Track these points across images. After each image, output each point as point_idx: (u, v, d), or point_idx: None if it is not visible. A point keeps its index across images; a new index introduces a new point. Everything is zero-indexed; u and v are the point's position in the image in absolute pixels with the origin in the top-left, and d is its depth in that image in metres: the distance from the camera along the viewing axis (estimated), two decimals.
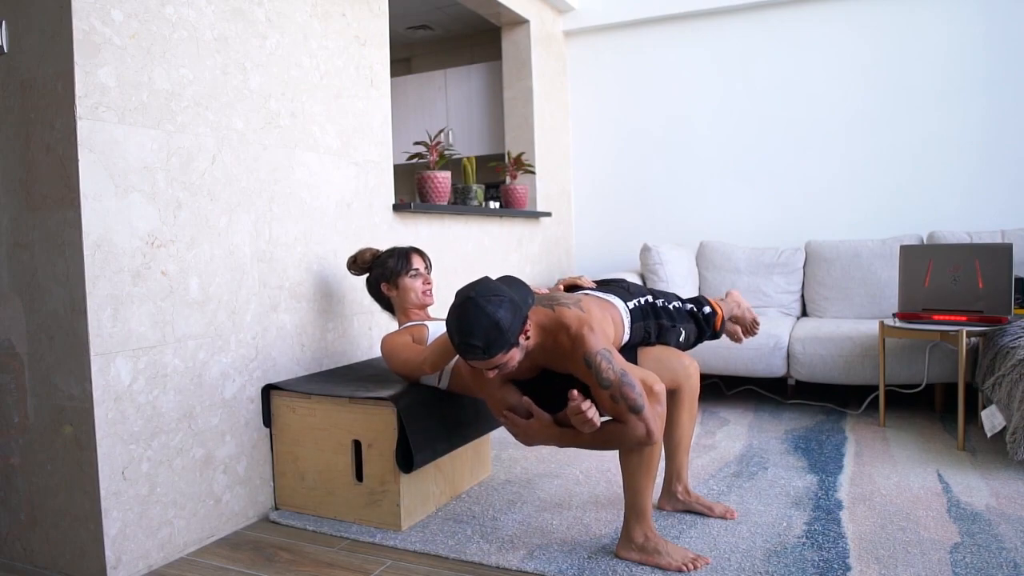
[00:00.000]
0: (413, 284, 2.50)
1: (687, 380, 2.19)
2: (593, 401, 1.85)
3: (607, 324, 1.98)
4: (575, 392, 1.80)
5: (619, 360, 1.83)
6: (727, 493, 2.43)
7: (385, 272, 2.51)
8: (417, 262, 2.54)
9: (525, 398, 1.97)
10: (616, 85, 4.75)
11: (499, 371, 1.81)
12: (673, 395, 2.18)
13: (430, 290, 2.54)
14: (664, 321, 2.20)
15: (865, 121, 4.14)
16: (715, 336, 2.35)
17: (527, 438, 1.96)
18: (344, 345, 2.79)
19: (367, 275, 2.59)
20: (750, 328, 2.47)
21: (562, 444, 1.92)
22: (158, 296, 2.05)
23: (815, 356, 3.37)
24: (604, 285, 2.28)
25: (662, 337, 2.21)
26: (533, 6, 4.47)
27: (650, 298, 2.22)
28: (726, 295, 2.50)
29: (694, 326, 2.27)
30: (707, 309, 2.30)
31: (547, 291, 2.22)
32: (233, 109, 2.30)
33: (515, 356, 1.80)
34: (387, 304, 2.58)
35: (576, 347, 1.83)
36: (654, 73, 4.64)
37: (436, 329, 2.42)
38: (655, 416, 1.83)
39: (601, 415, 1.87)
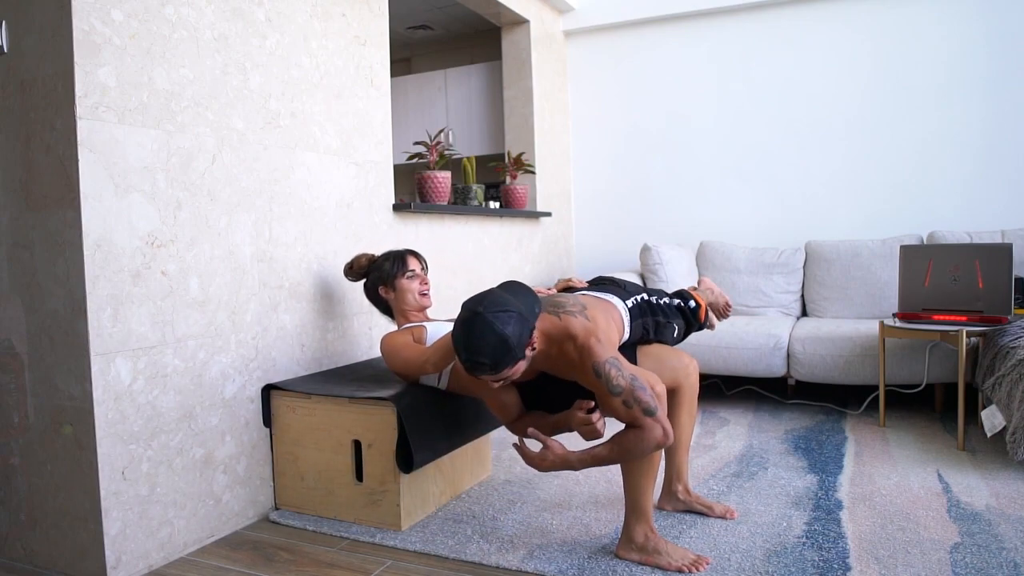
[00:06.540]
0: (410, 285, 2.50)
1: (687, 379, 2.19)
2: (600, 410, 1.85)
3: (612, 331, 1.97)
4: (583, 402, 1.77)
5: (627, 366, 1.83)
6: (727, 493, 2.43)
7: (382, 275, 2.51)
8: (413, 264, 2.54)
9: (532, 429, 1.92)
10: (616, 85, 4.75)
11: (504, 382, 1.80)
12: (673, 394, 2.18)
13: (427, 291, 2.54)
14: (660, 318, 2.21)
15: (865, 121, 4.14)
16: (700, 328, 2.38)
17: (540, 467, 1.91)
18: (344, 345, 2.79)
19: (364, 280, 2.58)
20: (723, 311, 2.51)
21: (579, 467, 1.86)
22: (158, 296, 2.05)
23: (815, 356, 3.37)
24: (598, 284, 2.27)
25: (659, 334, 2.22)
26: (533, 6, 4.47)
27: (646, 295, 2.23)
28: (699, 283, 2.51)
29: (683, 320, 2.30)
30: (692, 303, 2.33)
31: (548, 292, 2.21)
32: (233, 109, 2.30)
33: (520, 367, 1.79)
34: (385, 307, 2.57)
35: (584, 358, 1.82)
36: (654, 73, 4.64)
37: (435, 330, 2.42)
38: (665, 417, 1.82)
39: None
